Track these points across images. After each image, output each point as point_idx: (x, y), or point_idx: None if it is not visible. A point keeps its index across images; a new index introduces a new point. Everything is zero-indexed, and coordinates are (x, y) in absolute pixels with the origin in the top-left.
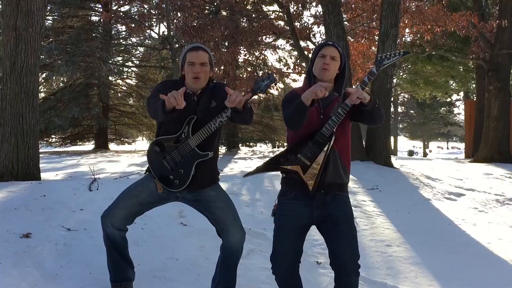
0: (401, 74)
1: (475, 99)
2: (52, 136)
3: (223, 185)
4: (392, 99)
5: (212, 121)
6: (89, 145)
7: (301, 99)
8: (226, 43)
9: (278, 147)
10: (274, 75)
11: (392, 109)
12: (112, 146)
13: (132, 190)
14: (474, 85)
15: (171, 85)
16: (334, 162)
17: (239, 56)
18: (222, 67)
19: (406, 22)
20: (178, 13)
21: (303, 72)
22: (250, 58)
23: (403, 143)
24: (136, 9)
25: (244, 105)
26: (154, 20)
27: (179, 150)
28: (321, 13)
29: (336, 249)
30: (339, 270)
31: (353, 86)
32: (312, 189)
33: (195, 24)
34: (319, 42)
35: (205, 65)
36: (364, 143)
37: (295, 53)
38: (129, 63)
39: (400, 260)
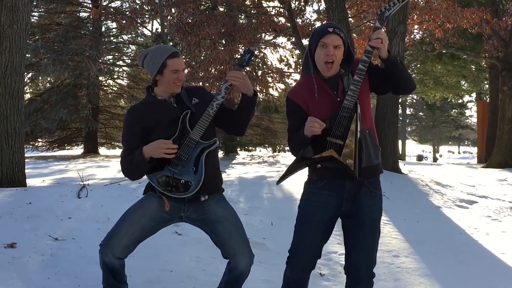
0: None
1: (488, 100)
2: (38, 139)
3: None
4: (400, 100)
5: (209, 106)
6: (78, 149)
7: (305, 134)
8: (223, 41)
9: (278, 152)
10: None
11: (400, 111)
12: (102, 150)
13: (133, 214)
14: (487, 86)
15: (141, 110)
16: (365, 139)
17: (237, 55)
18: (218, 67)
19: (415, 18)
20: (172, 9)
21: None
22: None
23: (412, 147)
24: (127, 5)
25: (254, 90)
26: (146, 16)
27: (182, 150)
28: (325, 9)
29: (353, 256)
30: (351, 279)
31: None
32: (355, 169)
33: (190, 20)
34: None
35: (185, 70)
36: None
37: (297, 51)
38: (120, 62)
39: (408, 271)
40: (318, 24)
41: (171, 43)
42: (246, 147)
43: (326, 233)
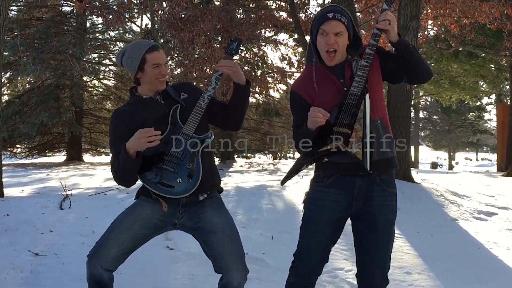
0: None
1: (508, 103)
2: (17, 145)
3: None
4: (412, 102)
5: (201, 98)
6: (60, 156)
7: (308, 128)
8: (219, 38)
9: (279, 159)
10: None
11: (412, 115)
12: (86, 157)
13: (122, 222)
14: (507, 87)
15: (127, 111)
16: (376, 129)
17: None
18: (214, 66)
19: (428, 13)
20: (164, 3)
21: None
22: (247, 55)
23: (426, 154)
24: None
25: (246, 79)
26: (135, 10)
27: (176, 146)
28: (329, 2)
29: (365, 261)
30: (364, 286)
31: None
32: (363, 158)
33: (183, 15)
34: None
35: (167, 64)
36: None
37: (300, 49)
38: (107, 61)
39: None
40: None
41: (162, 40)
42: (244, 154)
43: (334, 235)
